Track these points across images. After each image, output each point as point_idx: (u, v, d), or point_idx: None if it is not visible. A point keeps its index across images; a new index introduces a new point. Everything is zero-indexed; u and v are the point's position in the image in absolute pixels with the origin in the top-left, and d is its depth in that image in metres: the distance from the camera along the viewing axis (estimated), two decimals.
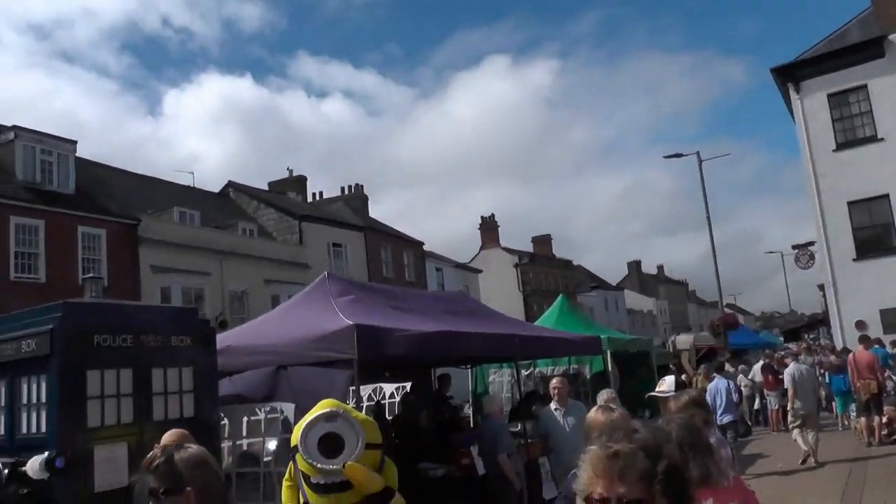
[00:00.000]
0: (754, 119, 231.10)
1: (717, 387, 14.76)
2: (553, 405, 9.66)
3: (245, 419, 8.25)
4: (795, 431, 14.92)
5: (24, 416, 6.62)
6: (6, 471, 3.63)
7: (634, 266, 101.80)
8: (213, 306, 29.41)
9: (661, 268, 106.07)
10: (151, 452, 2.87)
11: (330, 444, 6.13)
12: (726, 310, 39.27)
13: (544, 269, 69.26)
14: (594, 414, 4.43)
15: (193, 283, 30.46)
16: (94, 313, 7.07)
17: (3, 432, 6.76)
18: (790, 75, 27.81)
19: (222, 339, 8.26)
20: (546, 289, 63.86)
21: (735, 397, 15.33)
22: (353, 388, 7.41)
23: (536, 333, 11.33)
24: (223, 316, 28.94)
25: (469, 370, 14.70)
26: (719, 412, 14.71)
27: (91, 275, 12.15)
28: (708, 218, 32.68)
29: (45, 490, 3.81)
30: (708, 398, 15.04)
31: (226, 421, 8.05)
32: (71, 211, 27.25)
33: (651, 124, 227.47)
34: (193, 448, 2.95)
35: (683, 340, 26.95)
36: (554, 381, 10.00)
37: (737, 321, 37.46)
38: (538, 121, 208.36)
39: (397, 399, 12.97)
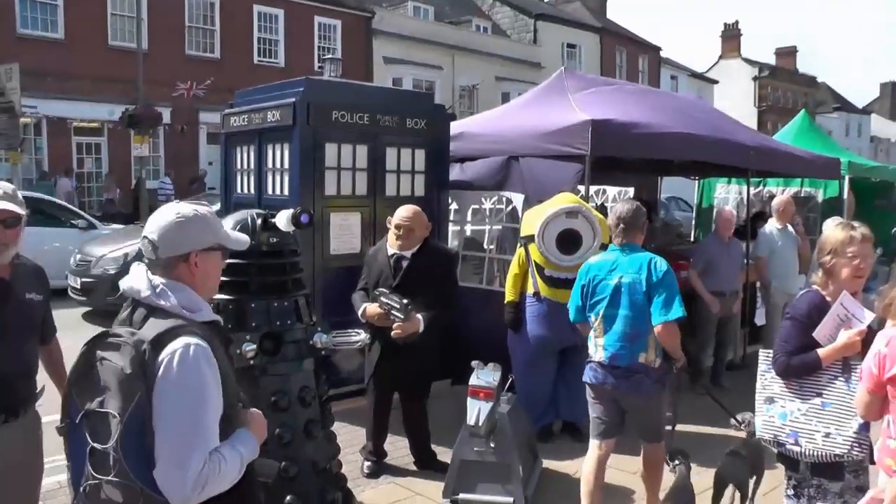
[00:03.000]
0: None
1: None
2: (775, 224, 9.13)
3: (472, 206, 8.36)
4: None
5: (270, 178, 7.07)
6: (259, 220, 3.94)
7: (889, 88, 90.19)
8: (443, 99, 29.57)
9: None
10: None
11: (567, 240, 6.11)
12: None
13: (784, 85, 64.23)
14: (832, 230, 3.84)
15: (425, 75, 30.86)
16: (333, 90, 7.24)
17: (252, 191, 7.29)
18: None
19: (456, 126, 8.27)
20: (784, 106, 59.65)
21: None
22: (583, 186, 7.24)
23: (774, 147, 10.56)
24: (452, 109, 29.23)
25: (696, 182, 14.13)
26: None
27: (330, 56, 12.44)
28: None
29: (289, 242, 4.10)
30: None
31: (454, 205, 8.21)
32: (308, 1, 28.08)
33: None
34: None
35: None
36: (779, 200, 9.38)
37: None
38: None
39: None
